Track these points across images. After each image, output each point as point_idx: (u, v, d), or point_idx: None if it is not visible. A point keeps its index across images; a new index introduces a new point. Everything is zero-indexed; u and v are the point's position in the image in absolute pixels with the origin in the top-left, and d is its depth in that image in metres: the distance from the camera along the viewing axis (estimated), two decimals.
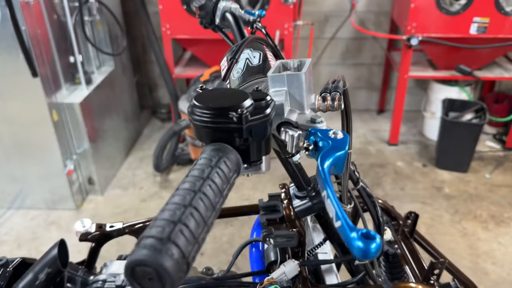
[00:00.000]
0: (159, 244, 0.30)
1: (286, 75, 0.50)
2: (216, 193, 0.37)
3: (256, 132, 0.41)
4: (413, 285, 0.88)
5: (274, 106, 0.43)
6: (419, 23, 2.99)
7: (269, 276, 0.87)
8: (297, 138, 0.48)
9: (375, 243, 0.33)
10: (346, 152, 0.43)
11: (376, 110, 4.12)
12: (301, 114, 0.51)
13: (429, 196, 2.92)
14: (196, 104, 0.40)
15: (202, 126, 0.40)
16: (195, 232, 0.32)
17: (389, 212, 1.13)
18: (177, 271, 0.29)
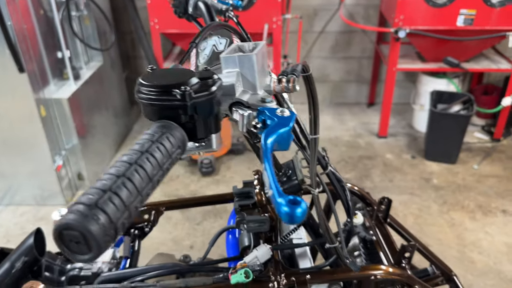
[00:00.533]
0: (86, 210, 0.31)
1: (238, 56, 0.51)
2: (155, 166, 0.38)
3: (201, 110, 0.42)
4: (383, 267, 0.89)
5: (220, 84, 0.44)
6: (407, 15, 3.01)
7: (242, 260, 0.89)
8: (247, 117, 0.49)
9: (300, 208, 0.34)
10: (290, 128, 0.45)
11: (366, 103, 4.14)
12: (253, 95, 0.53)
13: (417, 187, 2.95)
14: (142, 83, 0.41)
15: (147, 104, 0.41)
16: (126, 200, 0.34)
17: (364, 198, 1.15)
18: (103, 235, 0.31)
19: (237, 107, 0.50)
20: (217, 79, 0.44)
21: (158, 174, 0.39)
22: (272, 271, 0.88)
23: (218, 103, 0.45)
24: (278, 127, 0.45)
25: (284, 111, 0.47)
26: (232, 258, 0.99)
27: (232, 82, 0.50)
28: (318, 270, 0.90)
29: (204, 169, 3.09)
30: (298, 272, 0.89)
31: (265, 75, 0.56)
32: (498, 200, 2.82)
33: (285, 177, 0.90)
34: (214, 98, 0.43)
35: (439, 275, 1.26)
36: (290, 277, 0.87)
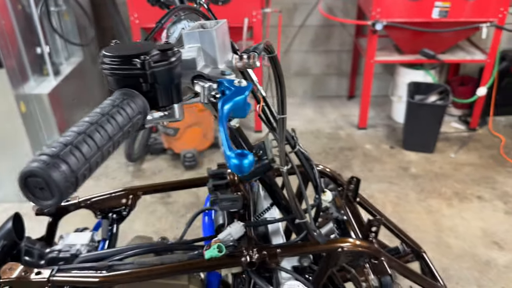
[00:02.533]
0: (49, 159, 0.34)
1: (198, 31, 0.55)
2: (115, 127, 0.41)
3: (161, 79, 0.45)
4: (351, 240, 0.94)
5: (179, 56, 0.48)
6: (383, 8, 3.07)
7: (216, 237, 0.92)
8: (208, 88, 0.52)
9: (247, 159, 0.38)
10: (246, 97, 0.48)
11: (347, 96, 4.20)
12: (214, 69, 0.56)
13: (396, 176, 3.02)
14: (105, 54, 0.45)
15: (110, 73, 0.44)
16: (86, 154, 0.37)
17: (336, 179, 1.20)
18: (64, 182, 0.34)
19: (198, 80, 0.54)
20: (176, 51, 0.47)
21: (118, 134, 0.42)
22: (245, 246, 0.92)
23: (179, 74, 0.48)
24: (234, 95, 0.48)
25: (242, 81, 0.51)
26: (208, 237, 1.03)
27: (193, 56, 0.53)
28: (288, 244, 0.94)
29: (187, 163, 3.11)
30: (269, 247, 0.93)
31: (226, 51, 0.60)
32: (474, 187, 2.90)
33: (256, 157, 0.94)
34: (173, 69, 0.47)
35: (409, 253, 1.31)
36: (262, 251, 0.91)
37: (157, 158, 3.34)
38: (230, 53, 0.62)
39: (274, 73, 0.83)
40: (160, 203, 2.82)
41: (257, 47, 0.65)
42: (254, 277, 0.92)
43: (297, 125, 3.74)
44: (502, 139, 3.39)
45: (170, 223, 2.66)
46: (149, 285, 0.96)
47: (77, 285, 0.93)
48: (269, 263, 0.91)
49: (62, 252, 0.99)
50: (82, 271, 0.91)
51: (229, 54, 0.61)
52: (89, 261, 0.95)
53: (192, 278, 0.99)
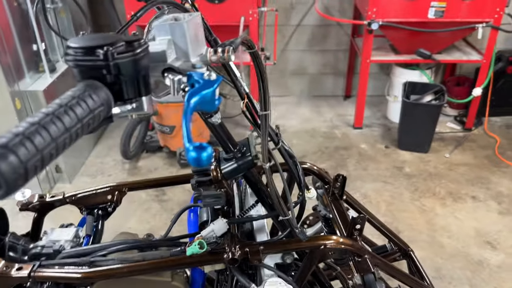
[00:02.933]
0: None
1: (169, 24, 0.55)
2: (73, 119, 0.41)
3: (126, 70, 0.45)
4: (334, 238, 0.94)
5: (146, 47, 0.47)
6: (379, 8, 3.07)
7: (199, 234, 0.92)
8: (178, 82, 0.52)
9: (206, 152, 0.38)
10: (214, 90, 0.48)
11: (343, 96, 4.20)
12: (186, 62, 0.56)
13: (390, 176, 3.02)
14: (69, 45, 0.44)
15: (74, 64, 0.44)
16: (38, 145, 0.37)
17: (323, 177, 1.19)
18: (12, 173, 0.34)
19: (168, 73, 0.53)
20: (143, 43, 0.47)
21: (77, 126, 0.42)
22: (227, 243, 0.92)
23: (146, 66, 0.48)
24: (202, 88, 0.48)
25: (211, 75, 0.50)
26: (192, 234, 1.03)
27: (164, 49, 0.53)
28: (271, 241, 0.94)
29: (182, 161, 3.11)
30: (252, 244, 0.93)
31: (200, 44, 0.60)
32: (468, 187, 2.90)
33: (240, 153, 0.94)
34: (139, 60, 0.46)
35: (396, 251, 1.31)
36: (244, 248, 0.91)
37: (153, 155, 3.34)
38: (204, 47, 0.61)
39: (256, 68, 0.83)
40: (155, 201, 2.82)
41: (233, 41, 0.65)
42: (236, 273, 0.92)
43: (293, 124, 3.74)
44: (497, 140, 3.38)
45: (165, 221, 2.65)
46: (132, 281, 0.95)
47: (59, 281, 0.93)
48: (251, 260, 0.91)
49: (46, 247, 0.98)
50: (64, 266, 0.91)
51: (203, 48, 0.61)
52: (72, 257, 0.94)
53: (175, 275, 0.99)
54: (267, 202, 1.00)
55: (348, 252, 0.95)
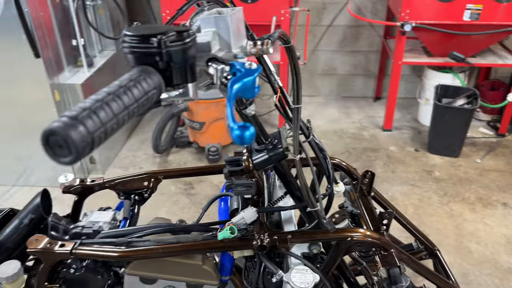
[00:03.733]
0: (69, 121, 0.39)
1: (214, 17, 0.59)
2: (131, 98, 0.46)
3: (176, 58, 0.50)
4: (361, 231, 0.96)
5: (194, 37, 0.52)
6: (413, 9, 3.04)
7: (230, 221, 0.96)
8: (220, 70, 0.56)
9: (249, 131, 0.42)
10: (254, 78, 0.52)
11: (373, 97, 4.18)
12: (228, 53, 0.60)
13: (419, 179, 2.99)
14: (126, 34, 0.49)
15: (130, 51, 0.49)
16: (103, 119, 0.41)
17: (351, 173, 1.21)
18: (80, 141, 0.38)
19: (212, 62, 0.57)
20: (191, 33, 0.51)
21: (134, 105, 0.46)
22: (256, 231, 0.95)
23: (193, 55, 0.52)
24: (243, 76, 0.52)
25: (252, 64, 0.54)
26: (222, 221, 1.07)
27: (208, 40, 0.57)
28: (299, 231, 0.97)
29: (211, 156, 3.17)
30: (280, 232, 0.96)
31: (241, 37, 0.64)
32: (499, 194, 2.84)
33: (271, 145, 0.97)
34: (187, 49, 0.51)
35: (422, 250, 1.32)
36: (273, 236, 0.94)
37: (183, 150, 3.42)
38: (244, 40, 0.65)
39: (290, 62, 0.86)
40: (183, 194, 2.89)
41: (271, 34, 0.68)
42: (264, 260, 0.96)
43: (321, 124, 3.75)
44: None
45: (192, 213, 2.72)
46: (165, 263, 1.00)
47: (97, 258, 0.98)
48: (279, 248, 0.95)
49: (85, 228, 1.05)
50: (103, 245, 0.97)
51: (244, 40, 0.65)
52: (110, 237, 1.00)
53: (205, 259, 1.03)
54: (296, 194, 1.03)
55: (374, 246, 0.98)
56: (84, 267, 1.01)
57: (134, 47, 0.48)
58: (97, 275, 1.01)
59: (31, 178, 2.97)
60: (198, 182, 2.97)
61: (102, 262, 1.02)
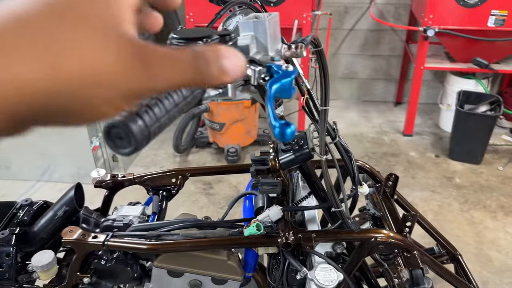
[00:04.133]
0: (129, 115, 0.42)
1: (253, 21, 0.62)
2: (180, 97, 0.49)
3: None
4: (384, 232, 0.98)
5: (235, 40, 0.55)
6: (436, 14, 3.03)
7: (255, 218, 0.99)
8: (258, 72, 0.59)
9: (290, 129, 0.45)
10: (292, 79, 0.55)
11: (394, 102, 4.16)
12: (265, 55, 0.63)
13: (439, 185, 2.97)
14: (173, 36, 0.53)
15: None
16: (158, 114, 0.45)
17: (374, 175, 1.23)
18: (140, 134, 0.42)
19: (250, 64, 0.60)
20: (233, 37, 0.54)
21: (183, 102, 0.50)
22: (281, 228, 0.98)
23: None
24: (281, 77, 0.55)
25: (289, 66, 0.57)
26: (248, 219, 1.09)
27: (247, 43, 0.60)
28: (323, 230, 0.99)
29: (230, 157, 3.21)
30: (304, 231, 0.98)
31: (277, 40, 0.67)
32: None
33: (297, 146, 1.00)
34: None
35: (444, 254, 1.32)
36: (298, 234, 0.97)
37: (202, 151, 3.47)
38: (279, 43, 0.68)
39: (320, 65, 0.89)
40: (202, 194, 2.93)
41: (304, 39, 0.71)
42: (289, 257, 0.98)
43: (341, 128, 3.74)
44: None
45: (211, 213, 2.76)
46: (191, 257, 1.04)
47: (128, 250, 1.02)
48: (304, 246, 0.97)
49: (116, 221, 1.09)
50: (133, 238, 1.01)
51: (279, 44, 0.68)
52: (140, 231, 1.04)
53: (231, 255, 1.06)
54: (320, 194, 1.05)
55: (397, 247, 0.99)
56: (115, 258, 1.05)
57: None
58: (127, 266, 1.05)
59: (54, 174, 3.06)
60: (217, 182, 3.01)
61: (132, 255, 1.06)
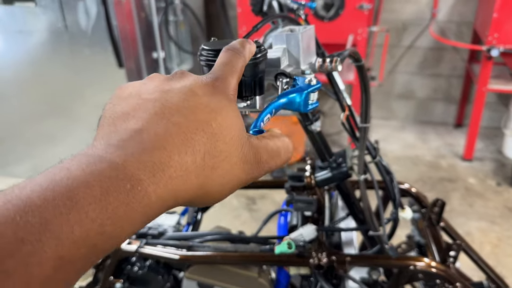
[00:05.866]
0: None
1: (285, 34, 0.60)
2: None
3: (248, 71, 0.51)
4: (426, 260, 0.91)
5: (265, 53, 0.53)
6: (502, 33, 2.86)
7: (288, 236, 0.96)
8: (285, 84, 0.57)
9: None
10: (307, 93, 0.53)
11: (453, 124, 3.95)
12: (296, 69, 0.61)
13: (499, 216, 2.76)
14: (203, 48, 0.52)
15: (206, 64, 0.52)
16: None
17: (420, 200, 1.16)
18: None
19: (280, 77, 0.59)
20: (263, 49, 0.53)
21: None
22: (314, 249, 0.94)
23: (263, 70, 0.54)
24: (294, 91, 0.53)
25: (312, 80, 0.55)
26: (281, 236, 1.06)
27: (279, 56, 0.59)
28: (359, 254, 0.94)
29: (274, 173, 3.19)
30: (339, 253, 0.94)
31: (311, 54, 0.64)
32: None
33: (335, 163, 0.96)
34: (258, 64, 0.52)
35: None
36: (331, 256, 0.92)
37: None
38: (314, 57, 0.66)
39: (361, 81, 0.85)
40: (245, 209, 2.92)
41: (341, 53, 0.68)
42: (321, 280, 0.94)
43: (395, 149, 3.61)
44: None
45: (253, 229, 2.72)
46: (222, 271, 1.02)
47: (160, 259, 1.03)
48: (337, 269, 0.92)
49: (152, 229, 1.10)
50: (166, 247, 1.01)
51: (313, 58, 0.65)
52: (173, 240, 1.04)
53: (262, 272, 1.03)
54: (358, 216, 1.01)
55: (439, 278, 0.92)
56: (147, 266, 1.05)
57: (210, 60, 0.51)
58: (158, 275, 1.05)
59: None
60: (260, 198, 2.99)
61: (164, 263, 1.06)
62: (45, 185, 0.25)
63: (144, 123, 0.31)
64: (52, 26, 2.63)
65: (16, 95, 2.98)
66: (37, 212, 0.23)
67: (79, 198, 0.24)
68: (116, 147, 0.29)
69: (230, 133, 0.35)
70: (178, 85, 0.36)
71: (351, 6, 2.97)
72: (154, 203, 0.28)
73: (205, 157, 0.32)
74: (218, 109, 0.35)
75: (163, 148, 0.30)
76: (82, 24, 2.59)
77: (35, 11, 2.60)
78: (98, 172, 0.26)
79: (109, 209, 0.25)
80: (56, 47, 2.71)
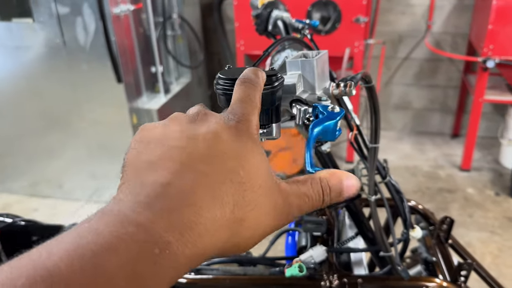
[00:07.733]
0: None
1: (300, 60, 0.60)
2: None
3: (264, 100, 0.50)
4: (437, 281, 0.90)
5: (282, 80, 0.53)
6: (497, 45, 2.89)
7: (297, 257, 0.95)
8: (303, 111, 0.56)
9: None
10: (336, 122, 0.51)
11: (450, 134, 3.97)
12: (312, 94, 0.60)
13: (499, 226, 2.76)
14: (220, 76, 0.51)
15: (222, 93, 0.51)
16: None
17: (428, 217, 1.15)
18: None
19: (296, 103, 0.58)
20: (280, 77, 0.52)
21: None
22: (325, 271, 0.93)
23: (279, 97, 0.53)
24: (324, 120, 0.52)
25: (335, 107, 0.54)
26: (290, 257, 1.05)
27: (294, 82, 0.58)
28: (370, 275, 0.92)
29: None
30: (350, 275, 0.92)
31: (325, 79, 0.64)
32: None
33: None
34: (276, 92, 0.51)
35: None
36: (342, 279, 0.91)
37: None
38: (328, 81, 0.65)
39: (370, 102, 0.85)
40: None
41: (354, 76, 0.68)
42: None
43: (392, 159, 3.61)
44: None
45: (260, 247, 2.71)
46: None
47: None
48: None
49: None
50: None
51: (327, 82, 0.65)
52: None
53: None
54: (368, 236, 0.99)
55: None
56: None
57: (227, 89, 0.50)
58: None
59: (103, 196, 3.15)
60: None
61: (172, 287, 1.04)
62: (72, 251, 0.25)
63: (171, 176, 0.30)
64: (50, 42, 2.62)
65: (14, 110, 2.95)
66: (63, 285, 0.23)
67: (107, 268, 0.24)
68: (143, 206, 0.28)
69: (258, 180, 0.34)
70: (202, 129, 0.35)
71: (347, 20, 2.99)
72: (182, 265, 0.28)
73: (234, 209, 0.31)
74: (244, 155, 0.34)
75: (192, 204, 0.29)
76: (80, 39, 2.58)
77: (33, 27, 2.59)
78: (126, 236, 0.26)
79: (137, 279, 0.25)
80: (54, 62, 2.69)
